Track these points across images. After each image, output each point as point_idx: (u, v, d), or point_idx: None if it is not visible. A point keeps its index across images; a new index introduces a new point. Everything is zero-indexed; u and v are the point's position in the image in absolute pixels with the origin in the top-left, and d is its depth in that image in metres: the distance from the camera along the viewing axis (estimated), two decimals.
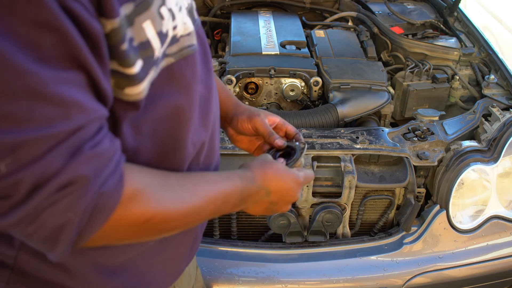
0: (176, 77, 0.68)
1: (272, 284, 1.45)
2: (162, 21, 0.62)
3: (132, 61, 0.59)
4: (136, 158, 0.67)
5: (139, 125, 0.66)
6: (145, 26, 0.60)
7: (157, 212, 0.63)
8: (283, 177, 0.81)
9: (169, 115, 0.69)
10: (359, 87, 1.78)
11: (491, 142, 1.58)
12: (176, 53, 0.67)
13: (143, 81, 0.61)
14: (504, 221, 1.58)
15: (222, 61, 1.91)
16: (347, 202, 1.51)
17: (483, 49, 2.06)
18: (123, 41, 0.57)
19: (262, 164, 0.81)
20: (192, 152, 0.77)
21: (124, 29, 0.57)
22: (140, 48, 0.60)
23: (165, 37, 0.64)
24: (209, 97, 0.80)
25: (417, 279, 1.49)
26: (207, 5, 2.52)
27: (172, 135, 0.71)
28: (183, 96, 0.70)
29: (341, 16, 2.42)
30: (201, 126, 0.78)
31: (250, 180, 0.78)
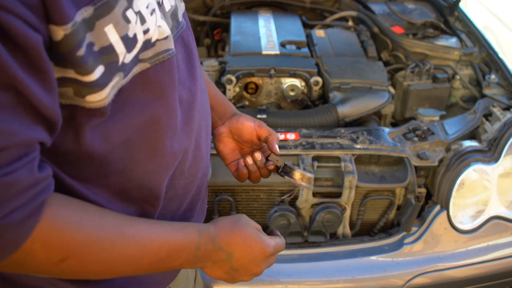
0: (152, 83, 0.65)
1: (272, 285, 1.45)
2: (128, 24, 0.59)
3: (90, 68, 0.56)
4: (106, 166, 0.64)
5: (109, 133, 0.63)
6: (107, 30, 0.57)
7: (74, 255, 0.59)
8: (251, 244, 0.75)
9: (144, 122, 0.66)
10: (359, 87, 1.78)
11: (492, 142, 1.58)
12: (151, 58, 0.64)
13: (105, 88, 0.58)
14: (504, 221, 1.57)
15: (222, 61, 1.91)
16: (348, 202, 1.51)
17: (484, 49, 2.05)
18: (79, 47, 0.54)
19: (234, 224, 0.75)
20: (172, 160, 0.73)
21: (81, 34, 0.54)
22: (101, 53, 0.57)
23: (132, 41, 0.60)
24: (192, 102, 0.76)
25: (417, 280, 1.49)
26: (207, 5, 2.51)
27: (148, 143, 0.68)
28: (159, 102, 0.67)
29: (341, 15, 2.42)
30: (183, 133, 0.74)
31: (210, 238, 0.72)
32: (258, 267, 0.78)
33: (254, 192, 1.55)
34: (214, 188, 1.52)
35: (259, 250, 0.76)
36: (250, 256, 0.76)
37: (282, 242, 0.83)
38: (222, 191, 1.53)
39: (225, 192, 1.54)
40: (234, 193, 1.55)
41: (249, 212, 1.59)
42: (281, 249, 0.82)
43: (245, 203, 1.57)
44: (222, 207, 1.57)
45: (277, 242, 0.81)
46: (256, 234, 0.77)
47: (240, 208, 1.58)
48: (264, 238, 0.77)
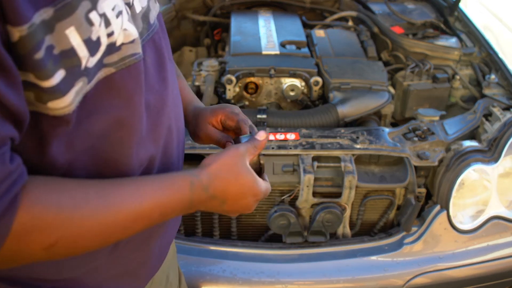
0: (117, 88, 0.63)
1: (272, 284, 1.45)
2: (91, 27, 0.57)
3: (50, 72, 0.53)
4: (70, 175, 0.62)
5: (73, 141, 0.61)
6: (68, 32, 0.54)
7: (63, 236, 0.58)
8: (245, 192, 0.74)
9: (109, 129, 0.64)
10: (359, 87, 1.78)
11: (492, 142, 1.58)
12: (117, 62, 0.62)
13: (68, 94, 0.56)
14: (504, 221, 1.57)
15: (222, 61, 1.91)
16: (348, 202, 1.51)
17: (484, 49, 2.05)
18: (37, 49, 0.51)
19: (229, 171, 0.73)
20: (138, 167, 0.71)
21: (39, 36, 0.51)
22: (62, 56, 0.54)
23: (96, 45, 0.58)
24: (161, 107, 0.74)
25: (417, 280, 1.49)
26: (207, 5, 2.52)
27: (113, 150, 0.66)
28: (125, 109, 0.65)
29: (341, 15, 2.42)
30: (149, 139, 0.72)
31: (204, 188, 0.70)
32: (248, 210, 0.78)
33: None
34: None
35: (251, 196, 0.75)
36: (242, 202, 0.75)
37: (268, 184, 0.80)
38: None
39: None
40: None
41: None
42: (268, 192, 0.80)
43: None
44: None
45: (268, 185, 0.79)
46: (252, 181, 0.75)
47: None
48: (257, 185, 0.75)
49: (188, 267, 1.46)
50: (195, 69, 1.91)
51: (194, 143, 1.48)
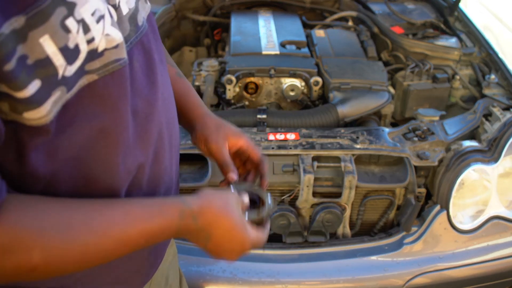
0: (100, 95, 0.60)
1: (272, 284, 1.45)
2: (68, 34, 0.54)
3: (23, 83, 0.51)
4: (55, 186, 0.61)
5: (55, 151, 0.58)
6: (43, 41, 0.52)
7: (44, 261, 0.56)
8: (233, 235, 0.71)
9: (94, 138, 0.62)
10: (359, 87, 1.78)
11: (492, 142, 1.58)
12: (99, 69, 0.59)
13: (44, 104, 0.53)
14: (504, 221, 1.57)
15: (222, 61, 1.91)
16: (347, 202, 1.51)
17: (484, 49, 2.05)
18: (7, 60, 0.49)
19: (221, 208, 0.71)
20: (126, 176, 0.69)
21: (9, 46, 0.49)
22: (36, 66, 0.52)
23: (74, 52, 0.55)
24: (150, 113, 0.71)
25: (417, 280, 1.49)
26: (207, 5, 2.52)
27: (98, 159, 0.64)
28: (109, 116, 0.62)
29: (341, 15, 2.42)
30: (137, 146, 0.69)
31: (193, 218, 0.68)
32: (231, 255, 0.75)
33: None
34: (214, 188, 1.52)
35: (237, 243, 0.73)
36: (227, 246, 0.73)
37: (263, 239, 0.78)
38: None
39: None
40: None
41: None
42: (259, 246, 0.77)
43: None
44: None
45: (259, 238, 0.77)
46: (241, 225, 0.72)
47: None
48: (247, 233, 0.73)
49: (188, 267, 1.46)
50: (195, 69, 1.91)
51: None
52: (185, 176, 1.51)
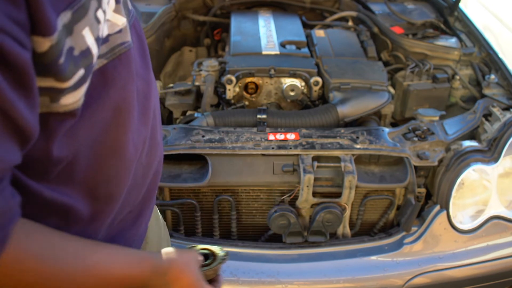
0: (111, 78, 0.64)
1: (272, 284, 1.45)
2: (99, 25, 0.59)
3: (71, 73, 0.55)
4: (73, 166, 0.64)
5: (76, 133, 0.62)
6: (85, 33, 0.56)
7: (34, 285, 0.61)
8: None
9: (107, 118, 0.66)
10: (359, 87, 1.78)
11: (492, 142, 1.58)
12: (107, 53, 0.63)
13: (80, 89, 0.58)
14: (504, 221, 1.57)
15: (222, 61, 1.91)
16: (347, 202, 1.51)
17: (484, 49, 2.05)
18: (61, 54, 0.52)
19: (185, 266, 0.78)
20: (133, 152, 0.74)
21: (63, 41, 0.52)
22: (81, 57, 0.56)
23: (100, 41, 0.60)
24: (148, 91, 0.77)
25: (417, 279, 1.49)
26: (207, 5, 2.52)
27: (111, 137, 0.68)
28: (119, 96, 0.67)
29: (341, 15, 2.42)
30: (141, 123, 0.75)
31: (163, 274, 0.75)
32: None
33: (254, 192, 1.55)
34: (214, 188, 1.52)
35: None
36: None
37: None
38: (222, 191, 1.54)
39: (225, 192, 1.54)
40: (234, 193, 1.55)
41: (249, 212, 1.59)
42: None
43: (245, 203, 1.57)
44: (222, 207, 1.57)
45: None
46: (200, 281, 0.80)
47: (240, 208, 1.58)
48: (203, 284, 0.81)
49: None
50: (195, 69, 1.91)
51: (194, 143, 1.49)
52: (185, 176, 1.51)
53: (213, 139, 1.51)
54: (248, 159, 1.50)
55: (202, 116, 1.67)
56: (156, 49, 2.18)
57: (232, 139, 1.52)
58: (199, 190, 1.53)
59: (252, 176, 1.50)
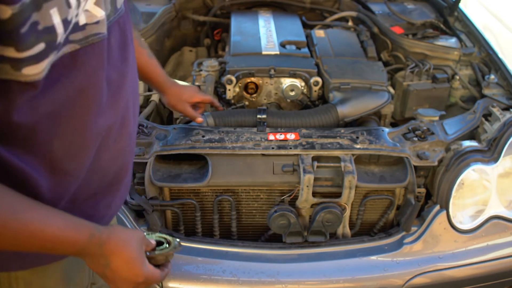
0: (80, 62, 0.71)
1: (272, 284, 1.45)
2: (69, 9, 0.66)
3: (31, 44, 0.62)
4: (33, 136, 0.70)
5: (38, 105, 0.68)
6: (52, 12, 0.63)
7: None
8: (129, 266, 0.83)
9: (71, 97, 0.72)
10: (359, 87, 1.78)
11: (492, 142, 1.58)
12: (81, 40, 0.71)
13: (42, 62, 0.64)
14: (504, 221, 1.57)
15: (222, 61, 1.91)
16: (347, 202, 1.51)
17: (483, 49, 2.05)
18: (23, 24, 0.60)
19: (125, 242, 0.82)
20: (96, 135, 0.80)
21: (27, 13, 0.60)
22: (44, 32, 0.63)
23: (69, 24, 0.67)
24: (122, 83, 0.84)
25: (417, 279, 1.49)
26: (207, 5, 2.52)
27: (73, 117, 0.74)
28: (86, 80, 0.73)
29: (341, 16, 2.42)
30: (109, 110, 0.81)
31: (99, 244, 0.78)
32: (124, 284, 0.85)
33: (254, 192, 1.55)
34: (214, 188, 1.53)
35: (133, 274, 0.84)
36: (123, 274, 0.83)
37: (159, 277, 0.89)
38: (222, 191, 1.54)
39: (225, 192, 1.54)
40: (234, 193, 1.55)
41: (249, 212, 1.59)
42: (153, 282, 0.89)
43: (245, 203, 1.57)
44: (222, 207, 1.57)
45: (154, 275, 0.88)
46: (140, 260, 0.84)
47: (240, 208, 1.58)
48: (143, 267, 0.85)
49: (188, 267, 1.46)
50: (195, 69, 1.91)
51: (194, 143, 1.49)
52: (185, 176, 1.51)
53: (213, 139, 1.51)
54: (248, 159, 1.51)
55: (202, 116, 1.67)
56: (156, 49, 2.18)
57: (232, 139, 1.52)
58: (199, 190, 1.53)
59: (252, 176, 1.50)
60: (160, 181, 1.47)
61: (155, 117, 1.84)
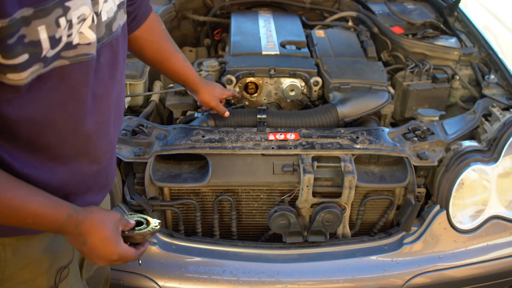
0: (67, 77, 0.80)
1: (272, 284, 1.45)
2: (58, 28, 0.74)
3: (16, 54, 0.70)
4: (15, 132, 0.80)
5: (21, 106, 0.78)
6: (40, 29, 0.72)
7: None
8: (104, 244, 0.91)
9: (53, 106, 0.81)
10: (359, 87, 1.78)
11: (491, 142, 1.58)
12: (71, 57, 0.79)
13: (25, 71, 0.73)
14: (504, 221, 1.57)
15: (222, 61, 1.91)
16: (347, 202, 1.51)
17: (483, 49, 2.05)
18: (10, 37, 0.68)
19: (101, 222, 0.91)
20: (74, 143, 0.89)
21: (16, 27, 0.68)
22: (29, 45, 0.71)
23: (57, 42, 0.75)
24: (106, 97, 0.93)
25: (417, 279, 1.49)
26: (207, 5, 2.52)
27: (54, 122, 0.83)
28: (70, 94, 0.83)
29: (341, 16, 2.42)
30: (91, 120, 0.89)
31: (76, 224, 0.87)
32: (100, 261, 0.94)
33: (254, 192, 1.55)
34: (214, 188, 1.53)
35: (108, 252, 0.92)
36: (99, 252, 0.92)
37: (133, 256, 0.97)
38: (222, 191, 1.54)
39: (225, 192, 1.54)
40: (234, 193, 1.55)
41: (249, 212, 1.59)
42: (128, 260, 0.97)
43: (245, 203, 1.57)
44: (222, 207, 1.58)
45: (127, 254, 0.96)
46: (114, 239, 0.93)
47: (240, 208, 1.58)
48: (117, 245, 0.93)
49: (188, 267, 1.46)
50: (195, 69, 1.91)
51: (194, 143, 1.49)
52: (185, 176, 1.51)
53: (213, 139, 1.51)
54: (248, 159, 1.51)
55: (202, 116, 1.67)
56: None
57: (232, 139, 1.52)
58: (199, 190, 1.53)
59: (252, 176, 1.50)
60: (160, 181, 1.47)
61: (155, 117, 1.85)
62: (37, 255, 0.98)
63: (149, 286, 1.45)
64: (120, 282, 1.44)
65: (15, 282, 0.97)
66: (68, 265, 1.05)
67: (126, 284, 1.45)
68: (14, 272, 0.96)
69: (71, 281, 1.07)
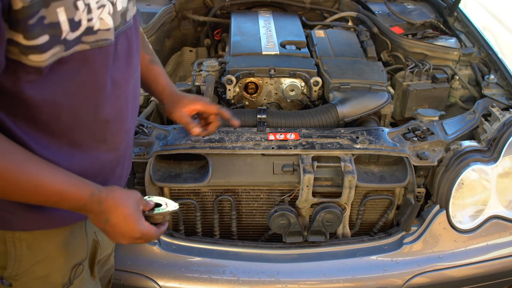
0: (88, 61, 0.83)
1: (272, 284, 1.45)
2: (76, 11, 0.77)
3: (36, 34, 0.73)
4: (36, 113, 0.82)
5: (43, 88, 0.80)
6: (59, 11, 0.75)
7: None
8: (126, 222, 0.92)
9: (73, 89, 0.84)
10: (359, 87, 1.78)
11: (491, 142, 1.58)
12: (92, 42, 0.82)
13: (46, 52, 0.76)
14: (504, 221, 1.58)
15: (222, 61, 1.91)
16: (347, 202, 1.51)
17: (483, 49, 2.06)
18: (32, 17, 0.72)
19: (122, 200, 0.92)
20: (93, 126, 0.91)
21: (36, 8, 0.72)
22: (49, 26, 0.75)
23: (77, 25, 0.78)
24: (124, 85, 0.96)
25: (417, 279, 1.49)
26: (207, 5, 2.52)
27: (73, 106, 0.86)
28: (89, 77, 0.85)
29: (341, 16, 2.42)
30: (110, 106, 0.92)
31: (98, 202, 0.88)
32: (123, 239, 0.94)
33: (254, 192, 1.56)
34: (215, 188, 1.53)
35: (130, 229, 0.93)
36: (121, 229, 0.92)
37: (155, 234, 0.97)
38: (222, 191, 1.54)
39: (225, 192, 1.54)
40: (234, 193, 1.55)
41: (249, 212, 1.60)
42: (150, 239, 0.97)
43: (245, 203, 1.58)
44: (222, 207, 1.58)
45: (149, 232, 0.96)
46: (136, 216, 0.93)
47: (240, 208, 1.58)
48: (139, 224, 0.93)
49: (188, 267, 1.46)
50: (195, 69, 1.91)
51: (194, 143, 1.49)
52: (185, 176, 1.51)
53: (213, 139, 1.52)
54: (248, 159, 1.51)
55: None
56: (156, 49, 2.18)
57: (232, 139, 1.52)
58: (200, 190, 1.54)
59: (252, 176, 1.50)
60: (160, 181, 1.48)
61: (155, 117, 1.85)
62: (52, 251, 0.99)
63: (149, 286, 1.45)
64: (120, 281, 1.44)
65: (30, 278, 0.97)
66: (83, 262, 1.05)
67: (126, 284, 1.45)
68: (29, 267, 0.96)
69: (85, 278, 1.07)
